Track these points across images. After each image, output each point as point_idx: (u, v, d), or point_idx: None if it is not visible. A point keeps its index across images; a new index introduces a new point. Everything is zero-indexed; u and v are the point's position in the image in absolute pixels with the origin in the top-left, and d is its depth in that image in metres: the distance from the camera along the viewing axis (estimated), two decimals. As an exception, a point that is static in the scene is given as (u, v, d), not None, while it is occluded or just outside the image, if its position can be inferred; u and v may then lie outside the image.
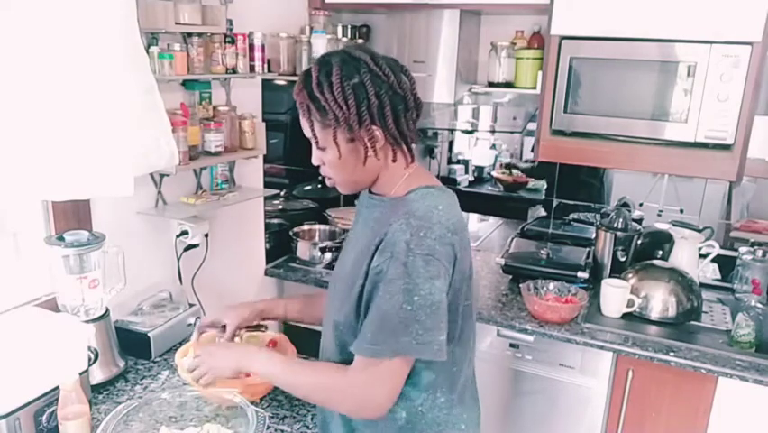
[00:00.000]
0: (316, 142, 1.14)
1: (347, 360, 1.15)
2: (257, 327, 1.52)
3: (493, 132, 2.85)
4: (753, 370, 1.74)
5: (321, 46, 2.25)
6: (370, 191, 1.23)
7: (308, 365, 1.24)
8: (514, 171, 2.85)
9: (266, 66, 2.06)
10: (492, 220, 2.90)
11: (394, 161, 1.16)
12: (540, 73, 2.18)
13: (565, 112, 2.09)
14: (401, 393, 1.13)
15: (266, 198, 2.42)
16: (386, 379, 1.09)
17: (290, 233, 2.54)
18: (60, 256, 1.47)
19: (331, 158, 1.14)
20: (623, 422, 1.94)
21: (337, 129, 1.10)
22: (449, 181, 2.89)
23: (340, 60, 1.09)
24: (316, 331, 1.34)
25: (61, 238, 1.48)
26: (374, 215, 1.19)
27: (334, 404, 1.18)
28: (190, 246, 1.96)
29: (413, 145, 1.19)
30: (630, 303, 2.02)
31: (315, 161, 1.19)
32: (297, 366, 1.22)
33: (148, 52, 1.61)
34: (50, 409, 1.28)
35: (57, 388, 1.25)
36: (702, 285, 2.16)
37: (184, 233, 1.91)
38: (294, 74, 2.31)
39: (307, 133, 1.15)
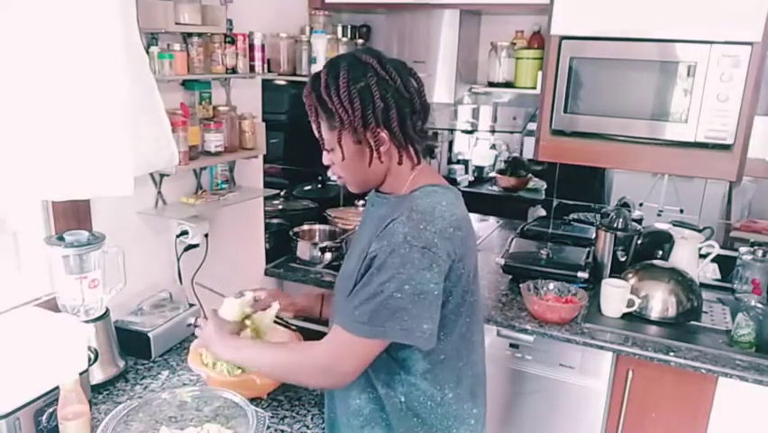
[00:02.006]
0: (323, 144, 1.18)
1: None
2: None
3: (493, 132, 2.85)
4: (753, 370, 1.74)
5: (321, 46, 2.25)
6: (378, 190, 1.26)
7: (274, 345, 1.34)
8: (519, 173, 2.83)
9: (266, 66, 2.07)
10: (492, 220, 2.90)
11: (400, 163, 1.17)
12: (540, 73, 2.18)
13: (565, 112, 2.09)
14: (397, 377, 1.19)
15: (266, 198, 2.42)
16: (357, 353, 1.12)
17: (290, 233, 2.54)
18: (60, 256, 1.47)
19: (336, 159, 1.18)
20: (623, 422, 1.94)
21: (343, 131, 1.13)
22: (449, 181, 2.87)
23: (347, 64, 1.12)
24: (319, 332, 1.34)
25: (61, 238, 1.48)
26: (380, 212, 1.21)
27: (303, 374, 1.20)
28: (190, 246, 1.96)
29: (420, 147, 1.22)
30: (630, 303, 2.02)
31: (325, 161, 1.22)
32: (262, 347, 1.31)
33: (148, 52, 1.61)
34: (50, 409, 1.28)
35: (57, 388, 1.25)
36: (702, 285, 2.16)
37: (184, 233, 1.91)
38: (294, 74, 2.31)
39: (316, 134, 1.19)
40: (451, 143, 2.92)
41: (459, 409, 1.23)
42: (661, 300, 2.02)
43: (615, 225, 2.27)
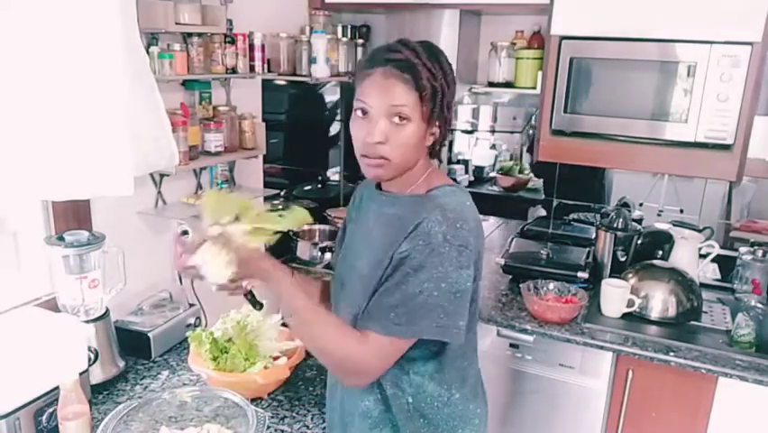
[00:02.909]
0: (422, 111, 1.10)
1: None
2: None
3: (493, 132, 2.85)
4: (753, 370, 1.74)
5: (321, 46, 2.25)
6: (379, 188, 1.24)
7: (327, 312, 1.17)
8: (519, 174, 2.83)
9: (266, 66, 2.07)
10: (492, 220, 2.90)
11: (439, 149, 1.20)
12: (540, 73, 2.18)
13: (565, 112, 2.09)
14: (405, 378, 1.18)
15: (266, 198, 2.42)
16: (388, 354, 1.11)
17: (290, 233, 2.54)
18: (60, 256, 1.48)
19: (408, 134, 1.10)
20: (623, 422, 1.94)
21: (437, 104, 1.11)
22: (449, 181, 2.88)
23: (439, 50, 1.15)
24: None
25: (61, 238, 1.48)
26: (391, 211, 1.19)
27: (332, 362, 1.14)
28: (190, 246, 1.95)
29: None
30: (630, 303, 2.02)
31: (379, 137, 1.10)
32: (316, 307, 1.15)
33: (148, 52, 1.61)
34: (50, 409, 1.28)
35: (57, 388, 1.25)
36: (702, 285, 2.16)
37: (184, 233, 1.91)
38: (294, 74, 2.31)
39: (399, 101, 1.09)
40: (451, 143, 2.92)
41: (464, 410, 1.23)
42: (661, 300, 2.02)
43: (615, 225, 2.27)
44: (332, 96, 2.78)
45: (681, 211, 2.42)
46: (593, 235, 2.37)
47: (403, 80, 1.08)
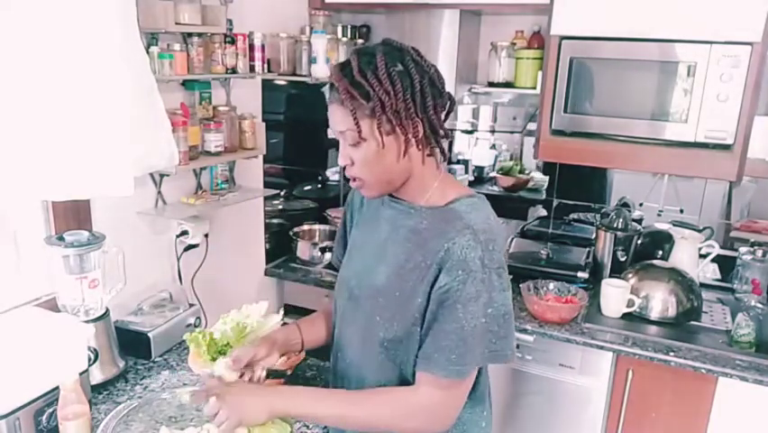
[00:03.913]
0: (359, 133, 1.04)
1: (400, 376, 1.16)
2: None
3: (493, 132, 2.85)
4: (753, 370, 1.74)
5: (321, 46, 2.25)
6: (393, 196, 1.18)
7: (361, 395, 1.16)
8: (519, 174, 2.81)
9: (266, 66, 2.07)
10: (492, 220, 2.89)
11: (430, 154, 1.12)
12: (540, 73, 2.18)
13: (565, 112, 2.09)
14: None
15: (266, 198, 2.42)
16: (464, 393, 1.12)
17: (290, 233, 2.55)
18: (60, 256, 1.47)
19: (367, 153, 1.06)
20: (623, 422, 1.94)
21: (381, 118, 1.03)
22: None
23: (383, 49, 1.06)
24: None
25: (61, 238, 1.48)
26: (409, 224, 1.15)
27: (404, 426, 1.13)
28: (190, 246, 1.96)
29: (445, 145, 1.16)
30: (630, 303, 2.03)
31: (343, 161, 1.10)
32: (349, 397, 1.16)
33: (148, 52, 1.61)
34: (50, 410, 1.28)
35: (57, 388, 1.25)
36: (702, 285, 2.16)
37: (184, 233, 1.92)
38: (294, 74, 2.31)
39: (341, 126, 1.06)
40: (451, 143, 2.92)
41: (473, 414, 1.22)
42: (661, 300, 2.02)
43: (615, 225, 2.27)
44: (332, 96, 2.77)
45: (681, 211, 2.42)
46: (593, 235, 2.37)
47: (339, 103, 1.05)
